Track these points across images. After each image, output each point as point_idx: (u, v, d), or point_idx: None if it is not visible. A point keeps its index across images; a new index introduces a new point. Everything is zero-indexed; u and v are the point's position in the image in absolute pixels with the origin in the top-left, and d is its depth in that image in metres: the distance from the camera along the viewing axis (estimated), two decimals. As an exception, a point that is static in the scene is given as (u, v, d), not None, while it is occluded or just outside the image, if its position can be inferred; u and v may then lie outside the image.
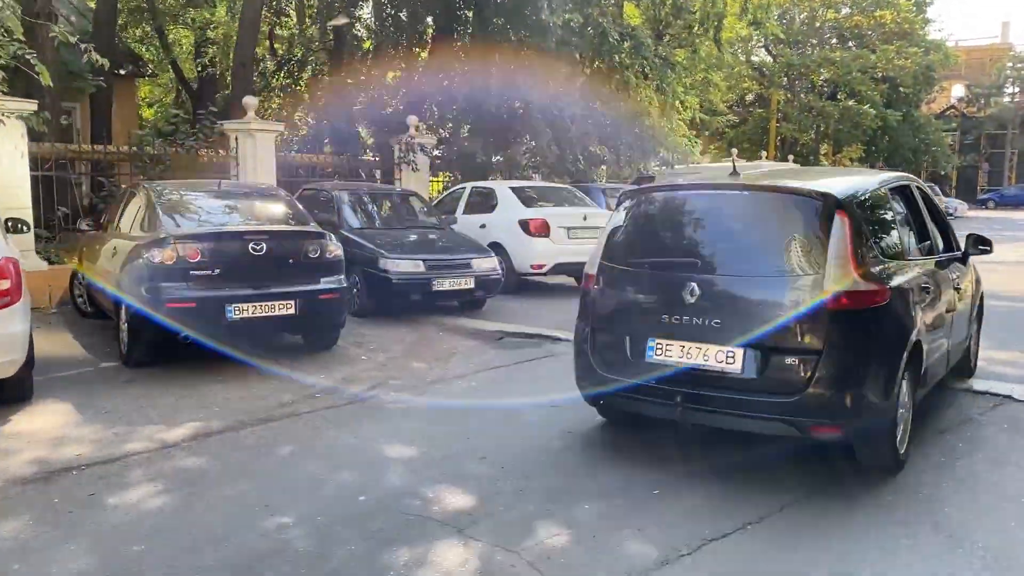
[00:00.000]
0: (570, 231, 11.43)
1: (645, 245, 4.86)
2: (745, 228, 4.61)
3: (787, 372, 4.15)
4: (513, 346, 8.21)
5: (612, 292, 4.82)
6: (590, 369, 4.83)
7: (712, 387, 4.28)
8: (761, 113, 37.06)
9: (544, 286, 12.83)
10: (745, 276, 4.39)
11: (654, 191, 5.18)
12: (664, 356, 4.42)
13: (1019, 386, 6.54)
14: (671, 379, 4.37)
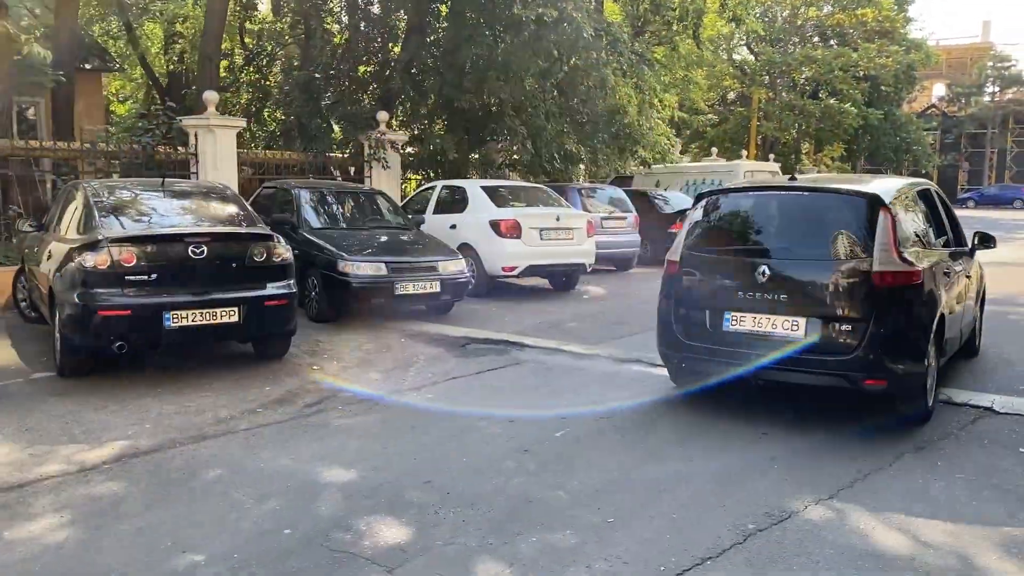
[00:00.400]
0: (543, 232, 11.08)
1: (721, 236, 5.96)
2: (805, 221, 5.65)
3: (842, 336, 5.17)
4: (477, 354, 7.85)
5: (693, 275, 5.84)
6: (673, 337, 5.91)
7: (776, 347, 5.29)
8: (742, 112, 36.81)
9: (518, 289, 12.47)
10: (806, 260, 5.44)
11: (727, 192, 6.33)
12: (739, 326, 5.48)
13: (1000, 397, 6.25)
14: (741, 344, 5.44)
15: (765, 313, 5.38)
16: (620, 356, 7.71)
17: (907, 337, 5.22)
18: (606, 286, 12.93)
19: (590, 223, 11.73)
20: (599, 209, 14.41)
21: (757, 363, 5.33)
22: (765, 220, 5.87)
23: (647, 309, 10.84)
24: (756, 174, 17.96)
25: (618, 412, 5.88)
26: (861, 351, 5.09)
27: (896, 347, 5.15)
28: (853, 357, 5.11)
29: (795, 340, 5.26)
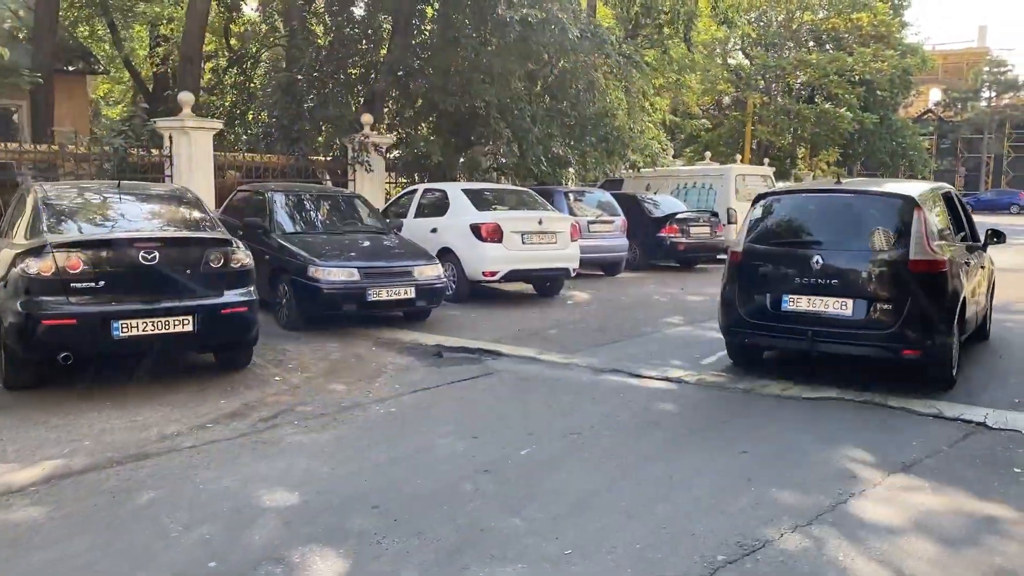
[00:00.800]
0: (525, 236, 10.77)
1: (778, 231, 6.91)
2: (850, 218, 6.64)
3: (883, 314, 6.15)
4: (450, 363, 7.53)
5: (754, 264, 6.76)
6: (737, 317, 6.84)
7: (829, 324, 6.31)
8: (737, 116, 36.54)
9: (500, 294, 12.16)
10: (853, 250, 6.41)
11: (783, 194, 7.75)
12: (795, 306, 6.46)
13: (993, 412, 5.94)
14: (798, 322, 6.43)
15: (819, 295, 6.36)
16: (599, 366, 7.40)
17: (936, 316, 6.16)
18: (592, 291, 12.62)
19: (574, 227, 11.43)
20: (586, 212, 14.11)
21: (814, 338, 6.37)
22: (816, 217, 6.87)
23: (631, 316, 10.63)
24: (748, 178, 17.69)
25: (590, 427, 5.56)
26: (899, 327, 6.11)
27: (928, 324, 6.13)
28: (893, 331, 6.13)
29: (844, 318, 6.29)
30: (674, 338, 8.97)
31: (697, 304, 11.43)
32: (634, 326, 9.66)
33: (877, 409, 6.09)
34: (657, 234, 15.25)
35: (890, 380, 6.93)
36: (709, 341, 8.77)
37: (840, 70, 34.89)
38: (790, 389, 6.60)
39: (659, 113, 20.02)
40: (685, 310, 10.88)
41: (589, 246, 13.57)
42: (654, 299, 11.98)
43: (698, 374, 7.12)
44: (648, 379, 7.00)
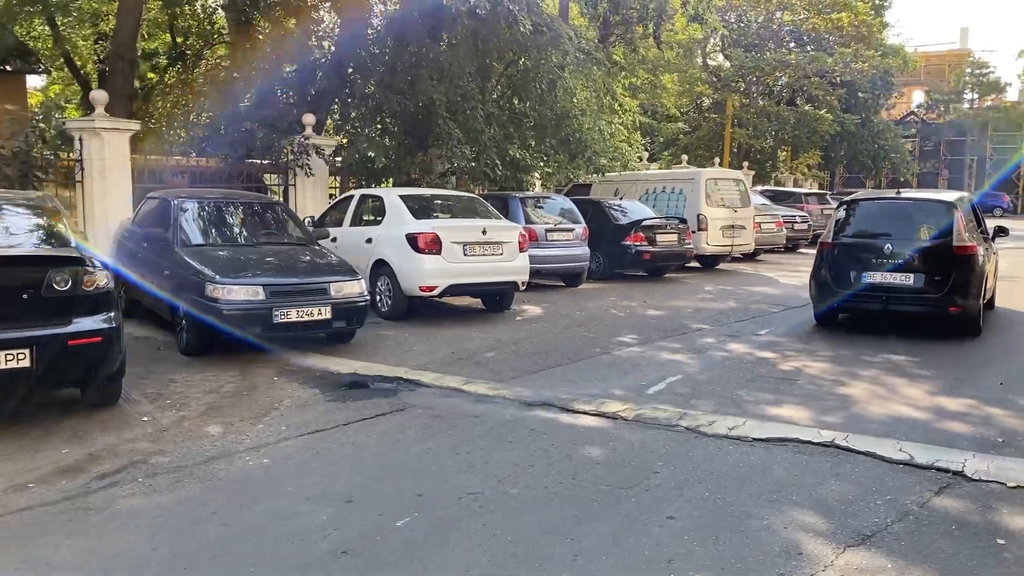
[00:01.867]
0: (467, 247, 9.85)
1: (857, 225, 9.43)
2: (909, 217, 9.19)
3: (936, 283, 8.63)
4: (358, 396, 6.59)
5: (840, 250, 9.23)
6: (829, 289, 9.24)
7: (898, 292, 8.81)
8: (715, 118, 35.79)
9: (444, 310, 11.24)
10: (913, 240, 8.90)
11: (858, 200, 10.03)
12: (872, 280, 8.91)
13: (973, 458, 5.07)
14: (875, 291, 8.92)
15: (889, 272, 8.86)
16: (528, 398, 6.48)
17: (970, 284, 8.71)
18: (547, 304, 11.71)
19: (523, 236, 10.52)
20: (544, 220, 13.21)
21: (887, 302, 8.96)
22: (884, 217, 9.48)
23: (582, 334, 9.72)
24: (720, 183, 16.85)
25: (496, 483, 4.65)
26: (947, 292, 8.63)
27: (965, 289, 8.66)
28: (942, 295, 8.66)
29: (908, 287, 8.83)
30: (623, 361, 8.06)
31: (656, 319, 10.55)
32: (582, 346, 8.76)
33: (839, 455, 5.22)
34: (622, 242, 14.37)
35: (854, 411, 6.07)
36: (660, 364, 7.90)
37: (820, 71, 34.21)
38: (740, 427, 5.72)
39: (629, 114, 19.10)
40: (642, 326, 9.99)
41: (546, 255, 12.72)
42: (611, 314, 11.08)
43: (638, 408, 6.22)
44: (581, 414, 6.10)
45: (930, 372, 7.68)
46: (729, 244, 16.47)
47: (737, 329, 9.97)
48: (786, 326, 10.24)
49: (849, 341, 9.16)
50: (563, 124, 14.38)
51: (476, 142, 12.93)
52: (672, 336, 9.42)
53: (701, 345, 8.91)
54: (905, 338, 9.27)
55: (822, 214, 24.25)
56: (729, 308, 11.70)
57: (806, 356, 8.39)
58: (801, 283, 14.85)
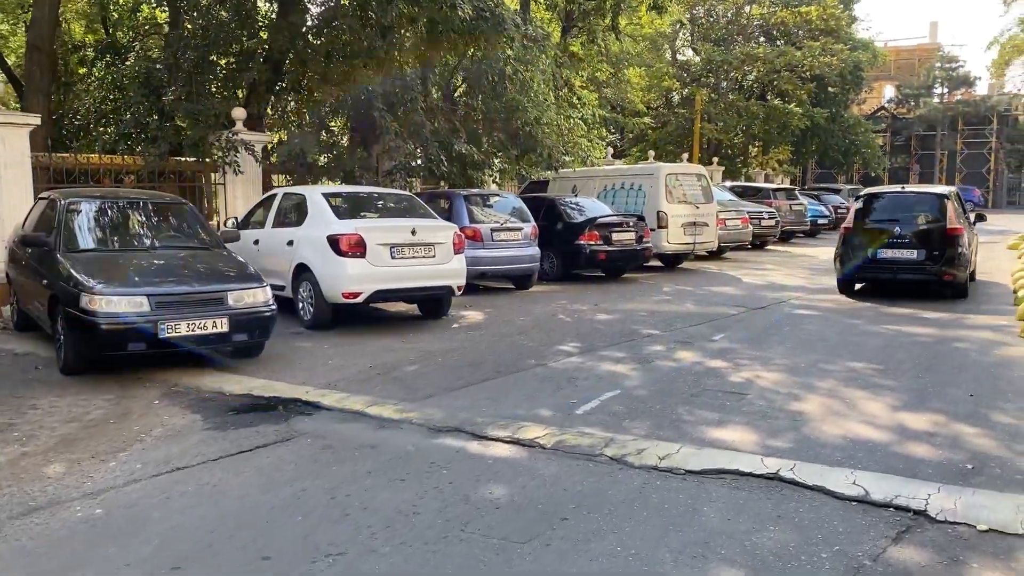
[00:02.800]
0: (394, 249, 9.02)
1: (872, 213, 11.77)
2: (913, 206, 11.52)
3: (934, 256, 10.92)
4: (243, 423, 5.75)
5: (859, 232, 11.56)
6: (851, 262, 11.62)
7: (905, 264, 11.17)
8: (684, 113, 35.17)
9: (377, 316, 10.43)
10: (916, 224, 11.18)
11: (874, 193, 12.43)
12: (885, 255, 11.23)
13: (938, 492, 4.34)
14: (887, 263, 11.30)
15: (898, 249, 11.14)
16: (438, 422, 5.68)
17: (960, 257, 11.04)
18: (491, 309, 10.92)
19: (459, 236, 9.70)
20: (491, 219, 12.41)
21: (896, 272, 11.34)
22: (892, 206, 11.78)
23: (520, 343, 8.89)
24: (681, 178, 16.14)
25: (369, 536, 3.86)
26: (942, 263, 10.94)
27: (956, 262, 10.98)
28: (939, 267, 10.96)
29: (912, 260, 11.12)
30: (558, 374, 7.28)
31: (605, 325, 9.79)
32: (518, 358, 7.97)
33: (783, 490, 4.47)
34: (575, 242, 13.60)
35: (806, 431, 5.32)
36: (599, 377, 7.12)
37: (789, 64, 33.74)
38: (672, 456, 4.95)
39: (588, 108, 18.35)
40: (588, 333, 9.23)
41: (492, 257, 11.95)
42: (558, 319, 10.30)
43: (561, 432, 5.43)
44: (494, 442, 5.31)
45: (893, 382, 6.98)
46: (691, 242, 15.76)
47: (690, 335, 9.23)
48: (744, 331, 9.52)
49: (810, 347, 8.46)
50: (513, 118, 13.57)
51: (418, 136, 12.09)
52: (618, 344, 8.66)
53: (647, 354, 8.15)
54: (870, 339, 8.60)
55: (791, 210, 23.71)
56: (685, 311, 10.97)
57: (760, 365, 7.65)
58: (765, 283, 14.23)
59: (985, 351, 8.34)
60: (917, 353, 8.19)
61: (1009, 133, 54.03)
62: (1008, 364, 7.68)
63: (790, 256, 19.69)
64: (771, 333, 9.35)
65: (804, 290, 13.18)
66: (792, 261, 18.36)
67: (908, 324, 9.88)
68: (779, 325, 9.91)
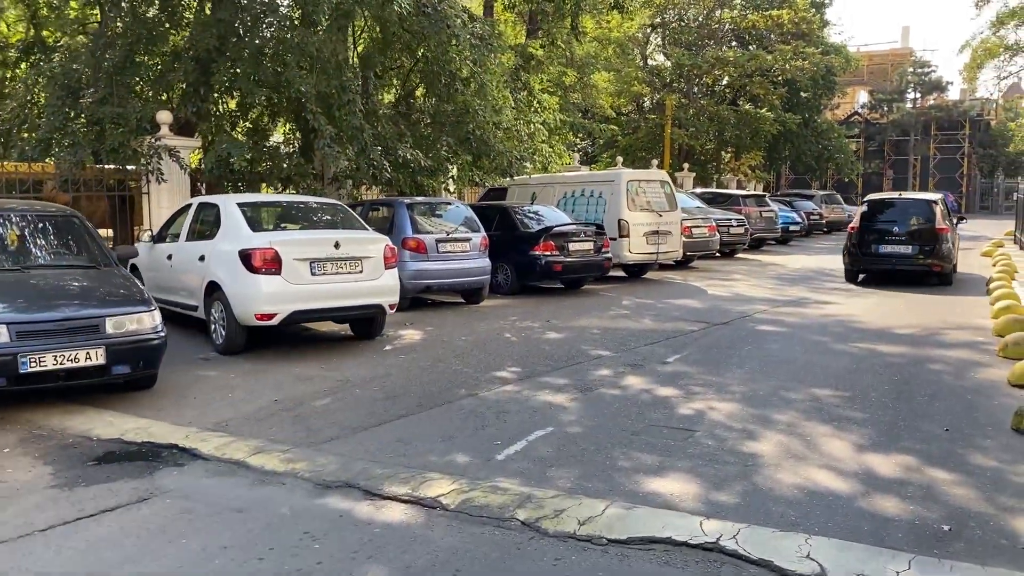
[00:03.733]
0: (315, 264, 8.15)
1: (874, 215, 14.11)
2: (907, 209, 14.03)
3: (925, 251, 13.44)
4: (103, 476, 4.89)
5: (864, 231, 14.01)
6: (857, 256, 14.17)
7: (901, 257, 13.67)
8: (654, 119, 34.55)
9: (302, 337, 9.55)
10: (910, 224, 13.68)
11: (875, 198, 14.87)
12: (886, 250, 13.74)
13: (909, 569, 3.57)
14: (887, 256, 13.83)
15: (895, 245, 13.48)
16: (330, 476, 4.84)
17: (947, 251, 13.32)
18: (432, 328, 10.09)
19: (391, 250, 8.86)
20: (436, 229, 11.59)
21: (895, 264, 13.65)
22: (891, 209, 13.99)
23: (454, 368, 7.92)
24: (644, 184, 15.40)
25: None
26: (932, 256, 13.18)
27: (943, 255, 13.22)
28: (930, 260, 13.23)
29: (908, 253, 13.44)
30: (488, 407, 6.46)
31: (552, 345, 8.98)
32: (447, 386, 7.14)
33: (724, 565, 3.68)
34: (529, 252, 12.80)
35: (758, 480, 4.53)
36: (532, 411, 6.31)
37: (760, 68, 33.25)
38: (596, 519, 4.15)
39: (549, 112, 17.58)
40: (531, 355, 8.41)
41: (438, 270, 11.14)
42: (503, 339, 9.48)
43: (471, 488, 4.61)
44: (389, 501, 4.48)
45: (860, 413, 6.24)
46: (654, 252, 15.02)
47: (642, 356, 8.45)
48: (702, 350, 8.76)
49: (771, 369, 7.71)
50: (464, 121, 12.74)
51: (356, 140, 11.22)
52: (563, 368, 7.85)
53: (592, 380, 7.35)
54: (837, 360, 7.87)
55: (761, 217, 23.10)
56: (642, 328, 10.20)
57: (714, 393, 6.88)
58: (731, 295, 13.51)
59: (961, 373, 7.63)
60: (887, 377, 7.46)
61: (981, 138, 54.08)
62: (985, 390, 6.97)
63: (760, 265, 19.02)
64: (731, 353, 8.60)
65: (771, 303, 12.47)
66: (761, 271, 17.69)
67: (879, 342, 9.18)
68: (741, 343, 9.17)
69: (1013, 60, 30.67)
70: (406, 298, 11.14)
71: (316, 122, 10.75)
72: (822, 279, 15.76)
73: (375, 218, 11.79)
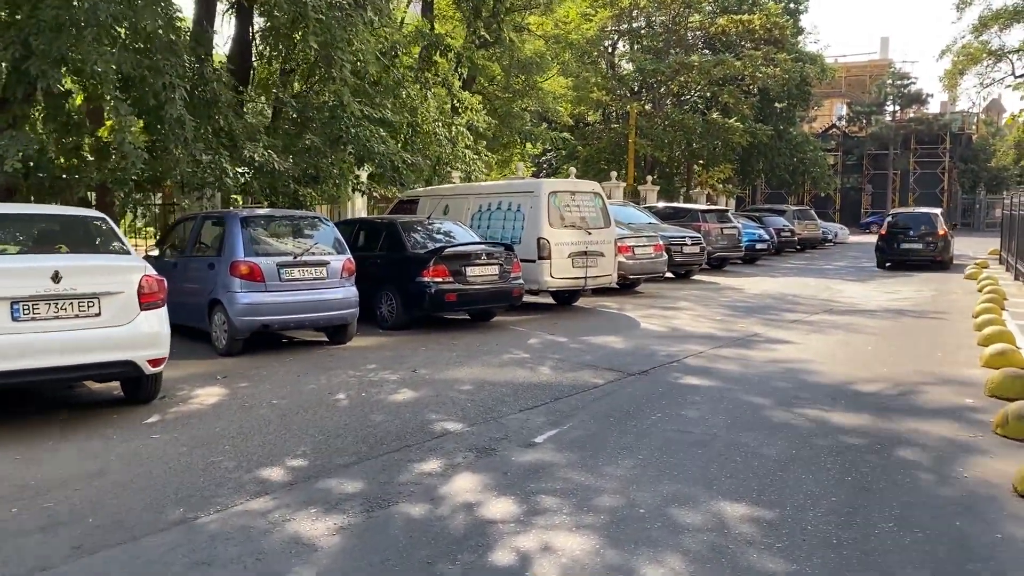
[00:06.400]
0: (19, 306, 5.66)
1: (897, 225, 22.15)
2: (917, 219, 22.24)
3: (933, 248, 21.45)
4: None
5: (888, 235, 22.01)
6: (886, 251, 21.91)
7: (915, 251, 21.64)
8: (617, 128, 32.31)
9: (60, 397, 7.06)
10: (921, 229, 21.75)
11: (898, 212, 23.95)
12: (904, 247, 21.68)
13: None
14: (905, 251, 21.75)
15: (910, 243, 21.41)
16: None
17: (948, 247, 21.83)
18: (249, 383, 7.64)
19: (152, 282, 6.37)
20: (281, 250, 9.16)
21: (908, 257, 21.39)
22: (908, 219, 22.17)
23: (214, 461, 4.98)
24: (573, 195, 13.02)
25: None
26: (938, 252, 21.23)
27: (945, 251, 21.48)
28: (935, 254, 21.27)
29: (920, 249, 21.41)
30: (185, 553, 4.00)
31: (391, 411, 6.55)
32: (163, 502, 4.69)
33: None
34: (417, 278, 10.38)
35: None
36: (256, 558, 3.86)
37: (729, 76, 31.12)
38: None
39: (470, 114, 15.23)
40: (344, 434, 5.98)
41: (279, 303, 8.75)
42: (329, 402, 7.03)
43: None
44: None
45: (786, 563, 3.86)
46: (581, 276, 12.62)
47: (506, 431, 6.04)
48: (593, 420, 6.37)
49: (674, 459, 5.30)
50: (337, 116, 10.33)
51: (174, 136, 8.79)
52: (374, 457, 5.43)
53: (400, 484, 4.93)
54: (771, 440, 5.45)
55: (722, 234, 20.83)
56: (533, 382, 7.79)
57: (570, 511, 4.48)
58: (666, 329, 11.12)
59: (942, 470, 5.26)
60: (837, 476, 5.09)
61: (962, 152, 52.34)
62: (981, 507, 4.60)
63: (715, 289, 16.69)
64: (629, 427, 6.20)
65: (711, 341, 10.12)
66: (714, 297, 15.35)
67: (834, 406, 6.83)
68: (650, 408, 6.78)
69: (997, 66, 28.69)
70: (237, 340, 8.71)
71: (116, 111, 8.30)
72: (781, 308, 13.44)
73: (208, 237, 9.36)
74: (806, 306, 13.73)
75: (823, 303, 14.20)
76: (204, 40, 10.45)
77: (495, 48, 19.65)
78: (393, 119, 11.34)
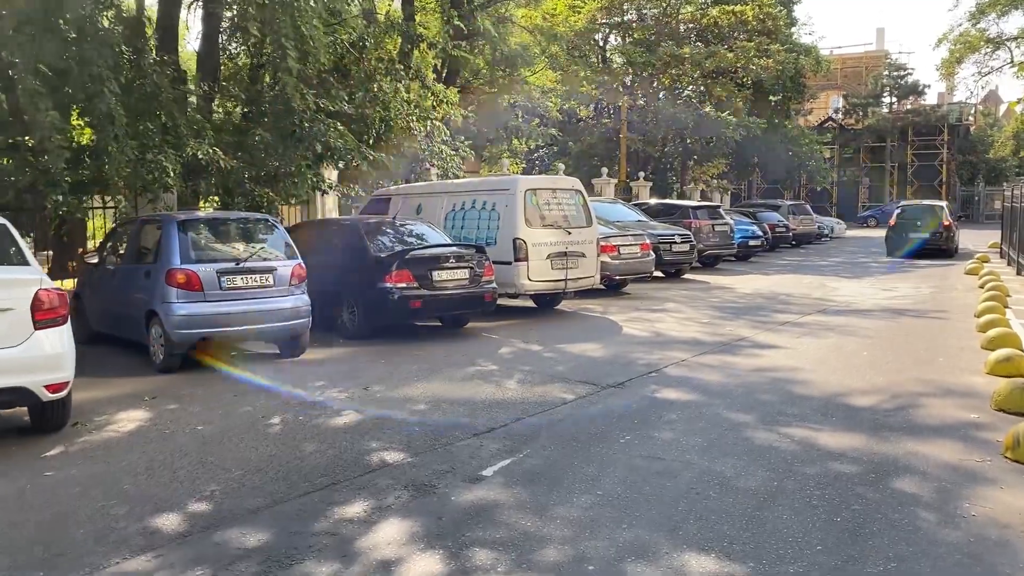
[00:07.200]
0: None
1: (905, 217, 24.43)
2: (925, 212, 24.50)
3: (940, 238, 23.57)
4: None
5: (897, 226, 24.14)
6: (895, 242, 23.95)
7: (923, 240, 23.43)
8: (608, 123, 31.55)
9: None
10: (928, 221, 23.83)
11: (906, 204, 26.68)
12: (913, 235, 23.52)
13: None
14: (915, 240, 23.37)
15: (919, 232, 23.36)
16: None
17: (953, 237, 24.00)
18: (178, 405, 6.92)
19: (49, 299, 5.63)
20: (222, 255, 8.43)
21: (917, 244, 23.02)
22: (915, 211, 24.52)
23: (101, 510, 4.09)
24: (551, 193, 12.29)
25: None
26: (943, 240, 23.43)
27: (952, 239, 23.83)
28: (941, 242, 23.38)
29: (927, 238, 23.23)
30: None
31: (327, 440, 5.85)
32: (33, 566, 3.97)
33: None
34: (379, 284, 9.66)
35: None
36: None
37: (721, 68, 30.36)
38: None
39: (446, 107, 14.50)
40: (265, 469, 5.26)
41: (219, 314, 8.04)
42: (260, 427, 6.31)
43: None
44: None
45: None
46: (560, 279, 11.88)
47: (452, 462, 5.33)
48: (553, 445, 5.67)
49: (639, 494, 4.58)
50: (289, 113, 9.60)
51: (103, 132, 8.06)
52: (293, 499, 4.72)
53: (313, 535, 4.21)
54: (750, 470, 4.73)
55: (714, 231, 20.09)
56: (496, 398, 7.07)
57: (505, 567, 3.77)
58: (649, 334, 10.41)
59: (946, 507, 4.54)
60: (824, 517, 4.36)
61: (960, 144, 51.54)
62: (992, 556, 3.87)
63: (704, 289, 15.96)
64: (593, 454, 5.49)
65: (696, 347, 9.41)
66: (703, 297, 14.61)
67: (823, 424, 6.11)
68: (619, 429, 6.07)
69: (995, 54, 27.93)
70: (174, 355, 8.00)
71: (34, 105, 7.57)
72: (772, 309, 12.72)
73: (146, 241, 8.65)
74: (798, 306, 13.02)
75: (816, 303, 13.48)
76: (140, 30, 9.73)
77: (476, 40, 18.90)
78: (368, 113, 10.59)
